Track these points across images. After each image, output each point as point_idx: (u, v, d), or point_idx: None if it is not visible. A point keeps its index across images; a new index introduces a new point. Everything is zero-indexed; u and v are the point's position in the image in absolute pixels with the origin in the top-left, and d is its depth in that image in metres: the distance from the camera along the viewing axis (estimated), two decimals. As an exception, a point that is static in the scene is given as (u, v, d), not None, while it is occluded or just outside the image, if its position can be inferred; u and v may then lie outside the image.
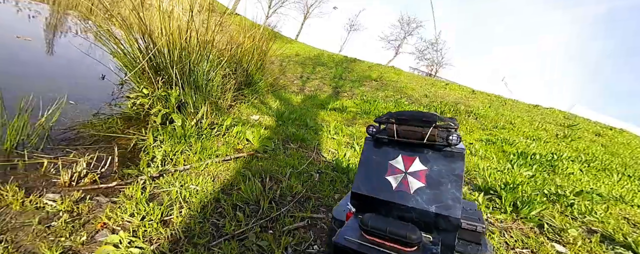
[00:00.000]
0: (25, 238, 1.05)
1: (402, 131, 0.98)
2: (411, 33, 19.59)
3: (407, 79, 11.66)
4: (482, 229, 0.96)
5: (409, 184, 0.95)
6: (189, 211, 1.31)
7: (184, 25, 2.51)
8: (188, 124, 2.36)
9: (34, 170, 1.54)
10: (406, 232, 0.81)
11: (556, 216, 2.18)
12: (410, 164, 0.98)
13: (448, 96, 9.52)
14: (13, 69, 2.81)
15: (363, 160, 1.04)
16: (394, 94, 8.94)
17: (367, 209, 0.99)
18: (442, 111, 7.10)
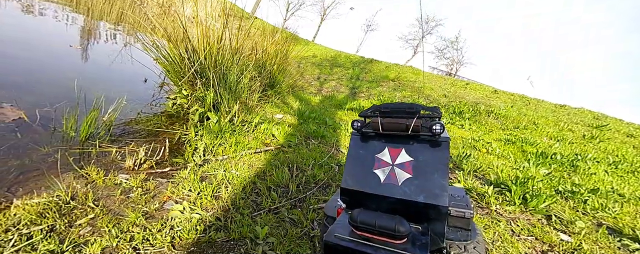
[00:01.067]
0: (113, 205, 1.39)
1: (386, 123, 0.99)
2: (430, 32, 19.29)
3: (425, 78, 11.60)
4: (470, 215, 0.98)
5: (397, 176, 0.95)
6: (233, 190, 1.61)
7: (218, 35, 2.86)
8: (223, 121, 2.69)
9: (103, 157, 1.91)
10: (394, 224, 0.81)
11: (566, 210, 2.27)
12: (397, 156, 0.98)
13: (468, 95, 9.41)
14: (72, 75, 3.31)
15: (350, 155, 1.04)
16: (411, 94, 8.97)
17: (356, 204, 0.99)
18: (461, 110, 7.09)
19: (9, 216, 1.14)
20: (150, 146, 2.11)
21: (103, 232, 1.17)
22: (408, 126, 0.96)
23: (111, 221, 1.23)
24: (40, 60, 3.28)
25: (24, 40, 3.72)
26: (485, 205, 2.27)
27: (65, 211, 1.24)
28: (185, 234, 1.21)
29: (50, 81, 2.79)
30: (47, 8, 6.15)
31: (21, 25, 4.44)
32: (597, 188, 2.79)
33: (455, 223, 1.01)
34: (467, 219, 0.99)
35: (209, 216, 1.35)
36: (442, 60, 18.38)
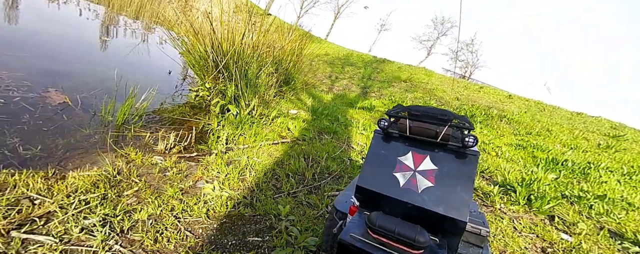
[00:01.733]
0: (152, 181, 1.58)
1: (415, 127, 0.97)
2: (445, 33, 19.05)
3: (438, 80, 11.54)
4: (486, 233, 0.95)
5: (417, 182, 0.93)
6: (255, 174, 1.79)
7: (242, 32, 3.04)
8: (242, 114, 2.88)
9: (137, 140, 2.12)
10: (415, 235, 0.79)
11: (570, 213, 2.35)
12: (420, 162, 0.96)
13: (481, 99, 9.35)
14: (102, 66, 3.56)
15: (371, 154, 1.02)
16: (423, 95, 8.99)
17: (371, 205, 0.98)
18: (472, 114, 7.09)
19: (68, 185, 1.34)
20: (178, 133, 2.31)
21: (147, 202, 1.36)
22: (438, 133, 0.92)
23: (153, 194, 1.42)
24: (75, 51, 3.55)
25: (59, 32, 4.01)
26: (489, 203, 2.38)
27: (113, 183, 1.44)
28: (218, 207, 1.39)
29: (83, 70, 3.04)
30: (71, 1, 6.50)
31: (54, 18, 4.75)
32: (604, 195, 2.84)
33: (469, 239, 0.98)
34: (482, 236, 0.96)
35: (236, 194, 1.53)
36: (457, 63, 18.17)
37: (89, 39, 4.31)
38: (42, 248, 1.00)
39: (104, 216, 1.21)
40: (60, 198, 1.23)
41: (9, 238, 1.01)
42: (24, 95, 2.09)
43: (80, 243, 1.05)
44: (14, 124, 1.75)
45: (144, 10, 9.70)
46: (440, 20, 19.41)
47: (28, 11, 4.38)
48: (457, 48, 18.06)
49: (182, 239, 1.18)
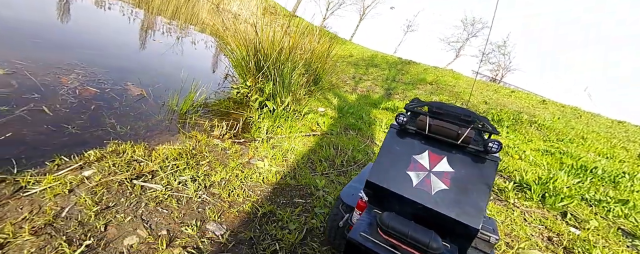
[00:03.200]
0: (218, 156, 2.04)
1: (435, 126, 0.94)
2: (475, 34, 18.47)
3: (466, 83, 11.41)
4: (495, 241, 0.93)
5: (431, 183, 0.91)
6: (295, 157, 2.21)
7: (280, 37, 3.50)
8: (278, 109, 3.33)
9: (197, 127, 2.61)
10: (429, 241, 0.78)
11: (585, 212, 2.50)
12: (437, 163, 0.93)
13: (511, 104, 9.18)
14: (157, 64, 4.20)
15: (384, 149, 0.99)
16: (449, 98, 9.01)
17: (380, 201, 0.97)
18: (500, 118, 7.08)
19: (160, 153, 1.83)
20: (228, 123, 2.79)
21: (217, 170, 1.81)
22: (459, 135, 0.90)
23: (221, 165, 1.88)
24: (136, 51, 4.22)
25: (121, 36, 4.75)
26: (504, 198, 2.60)
27: (191, 155, 1.91)
28: (270, 177, 1.82)
29: (144, 68, 3.65)
30: (115, 4, 7.42)
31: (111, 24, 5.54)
32: (627, 200, 2.92)
33: (477, 244, 0.95)
34: (490, 244, 0.94)
35: (282, 170, 1.95)
36: (487, 65, 17.54)
37: (141, 40, 5.02)
38: (156, 192, 1.46)
39: (190, 176, 1.67)
40: (158, 162, 1.72)
41: (133, 185, 1.49)
42: (112, 87, 2.68)
43: (179, 191, 1.51)
44: (110, 109, 2.30)
45: (180, 13, 10.60)
46: (471, 20, 18.92)
47: (86, 17, 5.19)
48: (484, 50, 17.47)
49: (247, 196, 1.61)
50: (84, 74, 2.65)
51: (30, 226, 1.06)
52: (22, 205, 1.16)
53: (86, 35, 3.84)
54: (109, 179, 1.41)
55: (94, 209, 1.20)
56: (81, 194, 1.27)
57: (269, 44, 3.44)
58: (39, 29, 3.42)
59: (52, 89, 2.21)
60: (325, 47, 4.94)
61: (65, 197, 1.25)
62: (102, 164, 1.51)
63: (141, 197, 1.38)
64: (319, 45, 4.58)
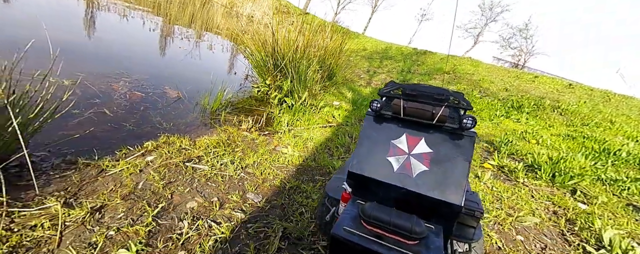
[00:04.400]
0: (249, 145, 2.38)
1: (409, 108, 0.95)
2: (495, 19, 17.70)
3: (485, 71, 11.17)
4: (480, 215, 0.94)
5: (412, 166, 0.92)
6: (314, 144, 2.51)
7: (294, 37, 3.80)
8: (296, 104, 3.64)
9: (227, 122, 2.97)
10: (411, 225, 0.79)
11: (597, 190, 2.60)
12: (415, 145, 0.94)
13: (534, 89, 8.94)
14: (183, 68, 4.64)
15: (362, 138, 1.00)
16: (467, 87, 8.92)
17: (364, 191, 0.98)
18: (520, 104, 6.98)
19: (202, 143, 2.18)
20: (253, 117, 3.14)
21: (249, 155, 2.15)
22: (434, 115, 0.91)
23: (251, 151, 2.21)
24: (165, 58, 4.69)
25: (150, 45, 5.25)
26: (513, 178, 2.75)
27: (226, 144, 2.26)
28: (294, 160, 2.13)
29: (175, 72, 4.09)
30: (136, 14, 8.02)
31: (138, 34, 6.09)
32: (643, 178, 2.94)
33: (463, 220, 0.98)
34: (476, 218, 0.96)
35: (304, 155, 2.26)
36: (508, 51, 16.75)
37: (168, 48, 5.52)
38: (204, 171, 1.82)
39: (229, 160, 2.02)
40: (201, 149, 2.08)
41: (185, 166, 1.85)
42: (153, 91, 3.10)
43: (222, 170, 1.86)
44: (155, 109, 2.71)
45: (196, 18, 11.17)
46: (489, 4, 18.15)
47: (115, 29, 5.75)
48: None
49: (276, 174, 1.93)
50: (129, 81, 3.10)
51: (119, 194, 1.43)
52: (107, 182, 1.54)
53: (119, 45, 4.35)
54: (167, 162, 1.79)
55: (161, 183, 1.57)
56: (149, 173, 1.64)
57: (285, 44, 3.75)
58: (81, 43, 3.95)
59: (108, 95, 2.65)
60: (338, 43, 5.19)
61: (138, 175, 1.62)
62: (159, 152, 1.89)
63: (193, 175, 1.73)
64: (331, 42, 4.83)
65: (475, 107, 6.47)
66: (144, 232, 1.21)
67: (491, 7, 17.43)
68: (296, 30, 3.95)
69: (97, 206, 1.32)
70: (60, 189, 1.40)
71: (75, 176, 1.52)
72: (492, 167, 2.96)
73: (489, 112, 6.17)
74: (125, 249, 1.11)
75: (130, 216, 1.30)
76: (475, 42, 18.57)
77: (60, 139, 1.80)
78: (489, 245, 1.65)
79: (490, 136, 4.25)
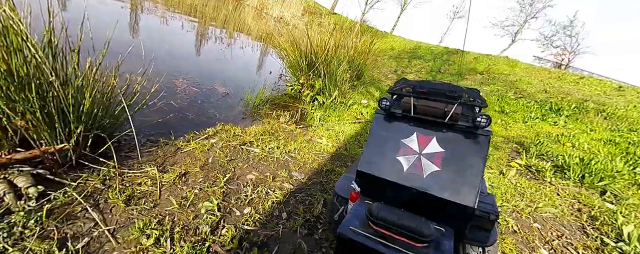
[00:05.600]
0: (288, 135, 2.76)
1: (420, 106, 0.93)
2: (535, 16, 16.57)
3: (523, 71, 10.72)
4: (495, 217, 0.91)
5: (423, 166, 0.90)
6: (345, 137, 2.83)
7: (327, 40, 4.14)
8: (327, 102, 3.98)
9: (266, 115, 3.38)
10: (419, 227, 0.78)
11: (630, 193, 2.61)
12: (426, 145, 0.92)
13: (578, 91, 8.47)
14: (226, 69, 5.17)
15: (372, 136, 1.00)
16: (501, 88, 8.68)
17: (373, 190, 0.97)
18: (559, 107, 6.73)
19: (251, 131, 2.59)
20: (289, 112, 3.53)
21: (290, 143, 2.52)
22: (446, 113, 0.90)
23: (291, 140, 2.59)
24: (209, 58, 5.26)
25: (192, 46, 5.88)
26: (540, 177, 2.84)
27: (270, 133, 2.65)
28: (328, 149, 2.48)
29: (219, 71, 4.61)
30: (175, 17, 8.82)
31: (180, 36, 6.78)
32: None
33: (477, 222, 0.94)
34: (491, 221, 0.93)
35: (336, 145, 2.59)
36: (550, 50, 15.61)
37: (210, 49, 6.13)
38: (256, 153, 2.21)
39: (275, 145, 2.40)
40: (251, 136, 2.48)
41: (241, 148, 2.25)
42: (206, 87, 3.60)
43: (271, 153, 2.24)
44: (209, 103, 3.18)
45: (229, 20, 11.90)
46: (529, 0, 17.01)
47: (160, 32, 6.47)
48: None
49: (314, 159, 2.28)
50: (185, 78, 3.63)
51: (197, 165, 1.86)
52: (184, 156, 1.98)
53: (167, 45, 4.98)
54: (226, 144, 2.21)
55: (225, 159, 1.99)
56: (215, 151, 2.07)
57: (318, 45, 4.10)
58: (138, 44, 4.60)
59: (172, 90, 3.18)
60: (366, 44, 5.44)
61: (206, 153, 2.05)
62: (219, 136, 2.32)
63: (248, 155, 2.14)
64: (360, 43, 5.11)
65: (509, 109, 6.36)
66: (219, 192, 1.62)
67: (532, 3, 16.37)
68: (327, 31, 4.28)
69: (182, 172, 1.75)
70: (151, 160, 1.86)
71: (159, 151, 1.98)
72: (519, 166, 3.06)
73: (523, 114, 6.06)
74: (208, 202, 1.52)
75: (207, 180, 1.72)
76: (513, 40, 17.56)
77: (141, 124, 2.29)
78: (505, 228, 1.85)
79: (521, 138, 4.26)
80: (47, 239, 1.15)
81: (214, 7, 12.86)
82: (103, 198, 1.42)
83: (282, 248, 1.30)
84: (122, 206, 1.39)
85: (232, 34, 8.50)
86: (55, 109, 1.49)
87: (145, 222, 1.31)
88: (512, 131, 4.76)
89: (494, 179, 2.59)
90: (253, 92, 3.69)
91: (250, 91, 3.69)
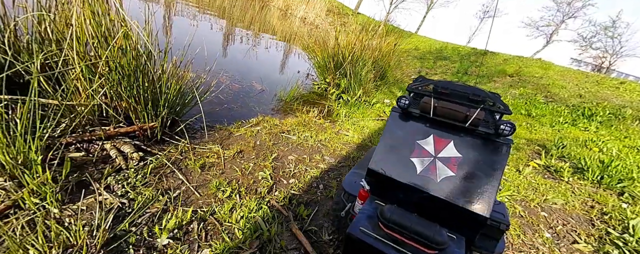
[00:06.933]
0: (318, 128, 3.16)
1: (440, 108, 0.92)
2: (573, 15, 15.64)
3: (557, 74, 10.43)
4: (505, 227, 0.91)
5: (437, 170, 0.89)
6: (369, 131, 3.19)
7: (352, 41, 4.50)
8: (352, 100, 4.34)
9: (297, 110, 3.80)
10: (433, 234, 0.78)
11: (649, 194, 2.73)
12: (443, 148, 0.91)
13: (617, 97, 8.19)
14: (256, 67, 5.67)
15: (387, 135, 0.98)
16: (531, 91, 8.57)
17: (383, 190, 0.97)
18: (592, 113, 6.61)
19: (287, 123, 3.01)
20: (318, 108, 3.94)
21: (321, 133, 2.91)
22: (468, 117, 0.88)
23: (322, 131, 2.99)
24: (243, 57, 5.80)
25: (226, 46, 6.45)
26: (557, 177, 3.02)
27: (303, 125, 3.07)
28: (354, 140, 2.85)
29: (253, 69, 5.11)
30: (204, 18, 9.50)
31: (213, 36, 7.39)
32: None
33: (486, 232, 0.93)
34: (501, 230, 0.92)
35: (362, 137, 2.95)
36: (589, 52, 14.70)
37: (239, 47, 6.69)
38: (293, 140, 2.63)
39: (309, 135, 2.80)
40: (288, 126, 2.91)
41: (281, 135, 2.67)
42: (246, 84, 4.09)
43: (306, 141, 2.66)
44: (249, 98, 3.66)
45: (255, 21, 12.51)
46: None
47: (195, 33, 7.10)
48: None
49: (342, 148, 2.67)
50: (228, 76, 4.15)
51: (249, 146, 2.30)
52: (236, 139, 2.44)
53: (206, 45, 5.56)
54: (269, 132, 2.65)
55: (270, 143, 2.43)
56: (262, 136, 2.52)
57: (345, 48, 4.48)
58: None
59: (219, 84, 3.69)
60: (391, 46, 5.73)
61: (254, 137, 2.50)
62: (262, 125, 2.77)
63: (287, 141, 2.57)
64: (385, 44, 5.41)
65: (536, 113, 6.37)
66: (269, 166, 2.05)
67: (570, 2, 15.47)
68: (353, 33, 4.65)
69: (239, 150, 2.20)
70: (212, 140, 2.33)
71: (216, 134, 2.45)
72: (538, 166, 3.24)
73: (551, 118, 6.05)
74: (262, 172, 1.95)
75: (259, 157, 2.16)
76: (548, 41, 16.76)
77: (199, 113, 2.79)
78: (512, 213, 2.11)
79: (545, 141, 4.37)
80: (151, 188, 1.62)
81: (241, 7, 13.61)
82: (183, 165, 1.90)
83: (321, 208, 1.71)
84: (199, 171, 1.86)
85: (260, 34, 9.09)
86: (150, 96, 1.99)
87: (219, 182, 1.75)
88: (537, 134, 4.84)
89: (510, 175, 2.81)
90: (285, 89, 4.14)
91: (283, 88, 4.14)
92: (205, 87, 2.75)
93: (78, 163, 1.66)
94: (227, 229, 1.43)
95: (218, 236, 1.38)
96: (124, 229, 1.32)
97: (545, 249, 1.84)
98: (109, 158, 1.80)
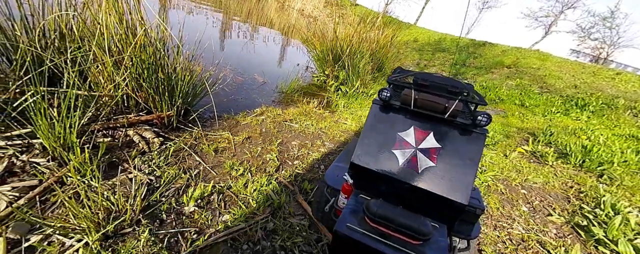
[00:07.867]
0: (319, 117, 3.41)
1: (421, 100, 0.94)
2: (573, 6, 15.66)
3: (554, 66, 10.65)
4: (481, 212, 0.96)
5: (418, 161, 0.92)
6: (367, 119, 3.43)
7: (351, 34, 4.71)
8: (350, 91, 4.57)
9: (298, 101, 4.04)
10: (418, 226, 0.82)
11: (628, 178, 2.98)
12: (423, 139, 0.94)
13: (611, 88, 8.45)
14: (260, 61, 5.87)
15: (367, 127, 1.00)
16: (529, 82, 8.79)
17: (366, 183, 0.99)
18: (585, 103, 6.86)
19: (290, 112, 3.25)
20: (317, 100, 4.17)
21: (321, 122, 3.16)
22: (447, 108, 0.91)
23: (322, 120, 3.23)
24: (242, 51, 5.99)
25: (223, 40, 6.63)
26: (542, 161, 3.28)
27: (304, 114, 3.31)
28: (352, 128, 3.11)
29: (252, 62, 5.32)
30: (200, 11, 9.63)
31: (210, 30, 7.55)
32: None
33: (464, 217, 0.99)
34: (477, 215, 0.98)
35: (359, 125, 3.21)
36: (588, 43, 14.81)
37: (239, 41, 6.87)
38: (295, 128, 2.88)
39: (310, 123, 3.05)
40: (290, 116, 3.15)
41: (284, 124, 2.92)
42: (248, 77, 4.32)
43: (307, 128, 2.92)
44: (251, 89, 3.89)
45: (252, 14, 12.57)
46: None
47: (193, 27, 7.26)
48: None
49: (341, 134, 2.93)
50: (231, 69, 4.37)
51: (256, 132, 2.55)
52: (244, 127, 2.68)
53: (208, 39, 5.75)
54: (273, 120, 2.90)
55: (275, 130, 2.68)
56: (267, 124, 2.77)
57: (344, 41, 4.69)
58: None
59: (224, 77, 3.91)
60: (388, 38, 5.93)
61: (260, 125, 2.75)
62: (266, 114, 3.02)
63: (290, 129, 2.82)
64: (382, 37, 5.61)
65: (529, 103, 6.62)
66: (275, 149, 2.31)
67: None
68: (351, 25, 4.85)
69: (247, 136, 2.45)
70: (221, 128, 2.58)
71: (225, 123, 2.69)
72: (525, 152, 3.50)
73: (544, 108, 6.31)
74: (270, 155, 2.20)
75: (265, 142, 2.41)
76: (547, 32, 16.84)
77: (207, 103, 3.02)
78: (494, 190, 2.38)
79: (535, 129, 4.63)
80: (175, 167, 1.87)
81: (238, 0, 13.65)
82: (199, 149, 2.15)
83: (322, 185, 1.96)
84: (213, 154, 2.11)
85: (258, 28, 9.23)
86: (167, 87, 2.22)
87: (232, 163, 2.01)
88: (528, 123, 5.11)
89: (496, 159, 3.08)
90: (286, 81, 4.36)
91: (284, 80, 4.36)
92: (213, 79, 2.98)
93: (106, 147, 1.90)
94: (242, 199, 1.69)
95: (235, 205, 1.64)
96: (155, 200, 1.57)
97: (521, 220, 2.11)
98: (132, 143, 2.05)
